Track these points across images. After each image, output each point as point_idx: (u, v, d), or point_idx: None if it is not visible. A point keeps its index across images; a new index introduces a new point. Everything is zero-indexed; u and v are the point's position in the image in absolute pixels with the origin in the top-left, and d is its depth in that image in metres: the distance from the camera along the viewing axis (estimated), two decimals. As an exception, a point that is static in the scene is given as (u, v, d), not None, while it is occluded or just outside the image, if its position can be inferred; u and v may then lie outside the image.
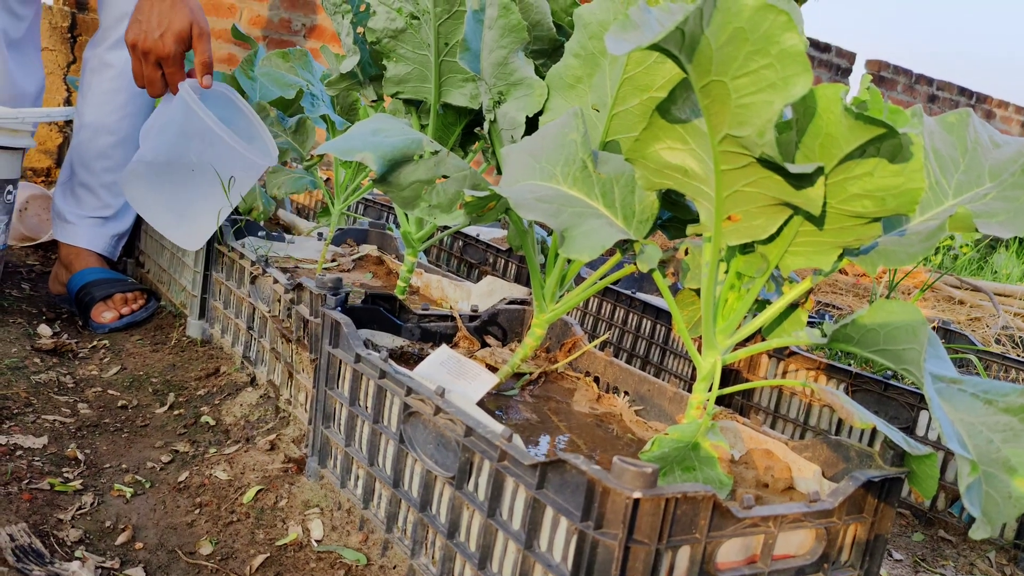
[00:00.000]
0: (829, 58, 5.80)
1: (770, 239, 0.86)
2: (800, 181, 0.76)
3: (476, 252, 2.20)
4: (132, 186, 1.60)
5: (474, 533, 0.87)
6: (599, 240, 0.85)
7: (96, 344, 1.70)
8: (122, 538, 1.02)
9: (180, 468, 1.21)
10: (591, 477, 0.71)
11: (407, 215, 1.46)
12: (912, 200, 0.75)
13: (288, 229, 2.10)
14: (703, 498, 0.72)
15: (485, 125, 1.20)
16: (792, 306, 0.94)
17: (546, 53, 1.20)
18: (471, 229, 2.30)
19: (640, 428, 1.11)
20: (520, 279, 2.01)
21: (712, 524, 0.73)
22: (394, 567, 0.98)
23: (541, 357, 1.27)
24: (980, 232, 0.85)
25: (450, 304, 1.55)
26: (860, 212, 0.78)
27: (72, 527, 1.02)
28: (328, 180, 2.53)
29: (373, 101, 1.48)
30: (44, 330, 1.69)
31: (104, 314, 1.78)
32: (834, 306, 2.54)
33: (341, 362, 1.10)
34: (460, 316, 1.30)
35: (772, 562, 0.79)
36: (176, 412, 1.40)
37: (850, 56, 5.89)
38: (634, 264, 0.94)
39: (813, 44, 5.66)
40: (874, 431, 1.41)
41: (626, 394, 1.18)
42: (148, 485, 1.16)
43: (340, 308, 1.16)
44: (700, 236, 0.96)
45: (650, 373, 1.68)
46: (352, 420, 1.08)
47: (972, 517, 0.89)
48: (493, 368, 1.19)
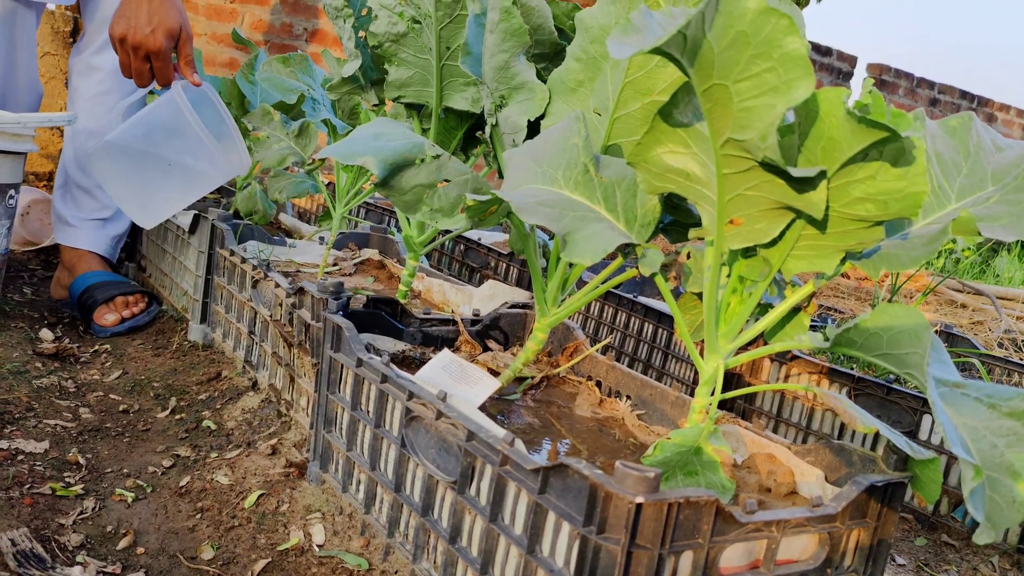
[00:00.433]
0: (830, 62, 5.80)
1: (772, 243, 0.85)
2: (802, 185, 0.76)
3: (477, 256, 2.19)
4: (100, 163, 1.65)
5: (476, 538, 0.86)
6: (601, 244, 0.85)
7: (98, 348, 1.70)
8: (123, 543, 1.02)
9: (181, 472, 1.20)
10: (593, 482, 0.70)
11: (409, 219, 1.46)
12: (915, 204, 0.75)
13: (290, 233, 2.10)
14: (706, 503, 0.72)
15: (487, 129, 1.19)
16: (794, 310, 0.94)
17: (547, 57, 1.20)
18: (472, 233, 2.30)
19: (642, 432, 1.10)
20: (522, 283, 2.01)
21: (715, 529, 0.73)
22: (396, 572, 0.97)
23: (543, 361, 1.26)
24: (983, 236, 0.84)
25: (452, 308, 1.55)
26: (863, 216, 0.78)
27: (73, 532, 1.02)
28: (330, 184, 2.53)
29: (375, 105, 1.48)
30: (46, 334, 1.69)
31: (106, 316, 1.78)
32: (836, 310, 2.53)
33: (343, 366, 1.10)
34: (462, 320, 1.30)
35: (775, 567, 0.79)
36: (178, 416, 1.40)
37: (851, 60, 5.90)
38: (636, 268, 0.94)
39: (814, 48, 5.66)
40: (877, 435, 1.40)
41: (628, 398, 1.17)
42: (149, 490, 1.15)
43: (342, 312, 1.16)
44: (702, 240, 0.96)
45: (652, 377, 1.68)
46: (354, 424, 1.08)
47: (975, 521, 0.89)
48: (495, 372, 1.19)
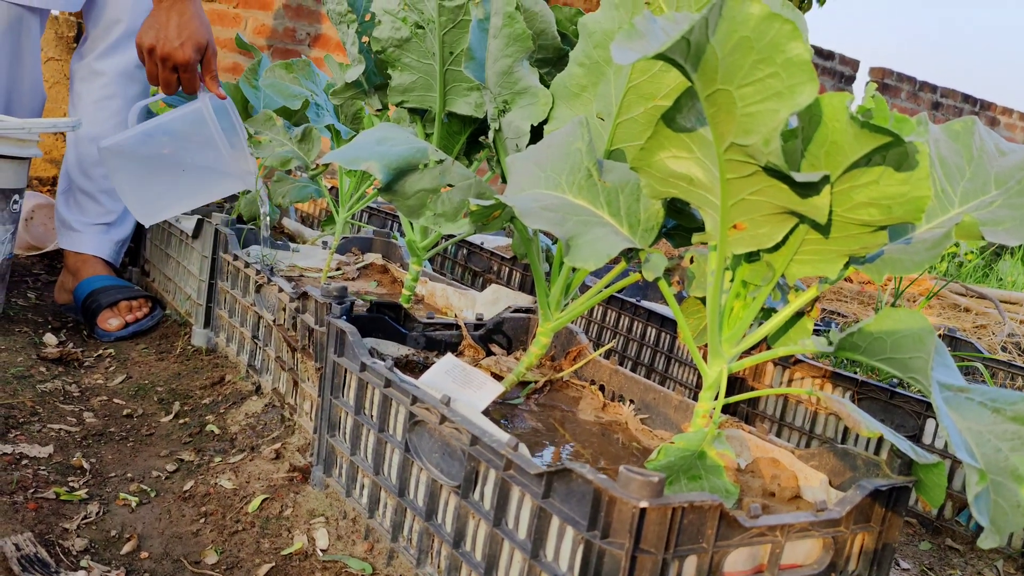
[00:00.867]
0: (833, 66, 5.80)
1: (776, 247, 0.85)
2: (806, 190, 0.76)
3: (480, 260, 2.20)
4: (112, 158, 1.70)
5: (480, 542, 0.86)
6: (604, 249, 0.85)
7: (101, 353, 1.70)
8: (127, 547, 1.02)
9: (185, 477, 1.21)
10: (597, 486, 0.71)
11: (412, 224, 1.46)
12: (918, 208, 0.75)
13: (293, 238, 2.11)
14: (710, 507, 0.72)
15: (490, 134, 1.20)
16: (798, 314, 0.94)
17: (551, 62, 1.20)
18: (476, 237, 2.30)
19: (646, 437, 1.10)
20: (525, 287, 2.01)
21: (719, 533, 0.73)
22: (399, 576, 0.98)
23: (546, 366, 1.26)
24: (986, 240, 0.85)
25: (455, 312, 1.55)
26: (866, 220, 0.78)
27: (77, 536, 1.02)
28: (333, 188, 2.54)
29: (378, 110, 1.48)
30: (50, 339, 1.69)
31: (110, 321, 1.79)
32: (839, 313, 2.53)
33: (346, 371, 1.10)
34: (465, 325, 1.30)
35: (779, 572, 0.79)
36: (181, 421, 1.40)
37: (853, 64, 5.90)
38: (639, 272, 0.94)
39: (816, 52, 5.66)
40: (881, 439, 1.40)
41: (631, 402, 1.17)
42: (153, 494, 1.16)
43: (345, 317, 1.16)
44: (705, 244, 0.96)
45: (655, 381, 1.68)
46: (357, 429, 1.08)
47: (980, 526, 0.89)
48: (498, 377, 1.19)
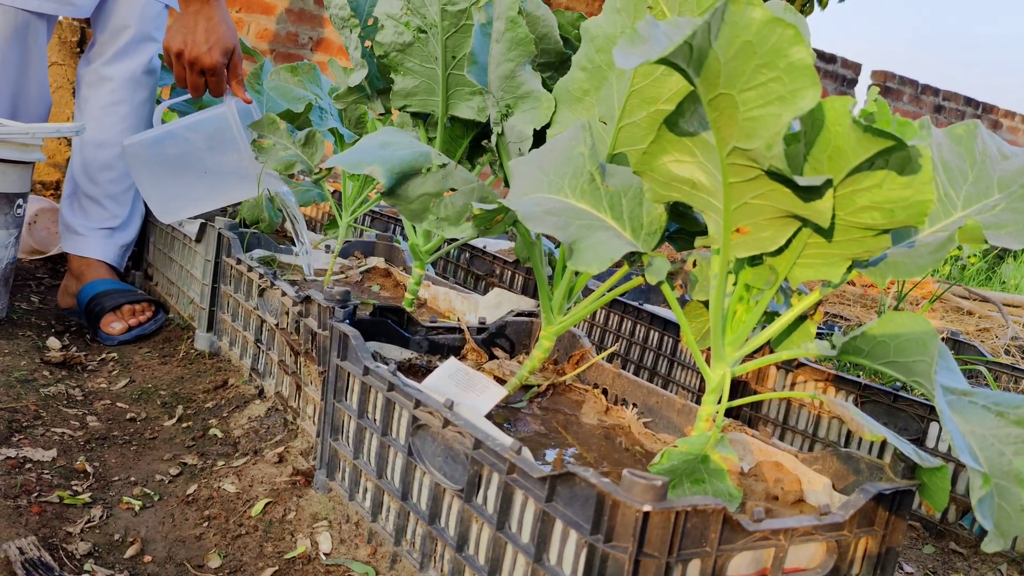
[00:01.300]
0: (835, 69, 5.80)
1: (779, 251, 0.86)
2: (809, 193, 0.76)
3: (483, 264, 2.20)
4: (136, 157, 1.75)
5: (483, 546, 0.86)
6: (607, 252, 0.85)
7: (105, 357, 1.70)
8: (131, 551, 1.02)
9: (188, 481, 1.21)
10: (601, 490, 0.71)
11: (415, 227, 1.46)
12: (921, 212, 0.75)
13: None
14: (713, 511, 0.72)
15: (492, 138, 1.20)
16: (801, 318, 0.94)
17: (553, 66, 1.21)
18: (478, 241, 2.30)
19: (649, 440, 1.10)
20: (527, 291, 2.01)
21: (722, 537, 0.73)
22: (403, 580, 0.98)
23: (549, 369, 1.27)
24: (989, 243, 0.85)
25: (458, 316, 1.55)
26: (869, 224, 0.78)
27: (81, 540, 1.02)
28: (335, 192, 2.54)
29: (381, 114, 1.49)
30: (53, 343, 1.70)
31: (113, 324, 1.79)
32: (842, 317, 2.53)
33: (349, 375, 1.11)
34: (468, 328, 1.30)
35: (783, 575, 0.79)
36: (184, 424, 1.41)
37: (855, 67, 5.90)
38: (642, 276, 0.94)
39: (818, 55, 5.67)
40: (884, 443, 1.40)
41: (634, 406, 1.18)
42: (157, 498, 1.16)
43: (348, 320, 1.16)
44: (708, 248, 0.96)
45: (658, 385, 1.68)
46: (360, 433, 1.08)
47: (984, 530, 0.89)
48: (501, 380, 1.19)
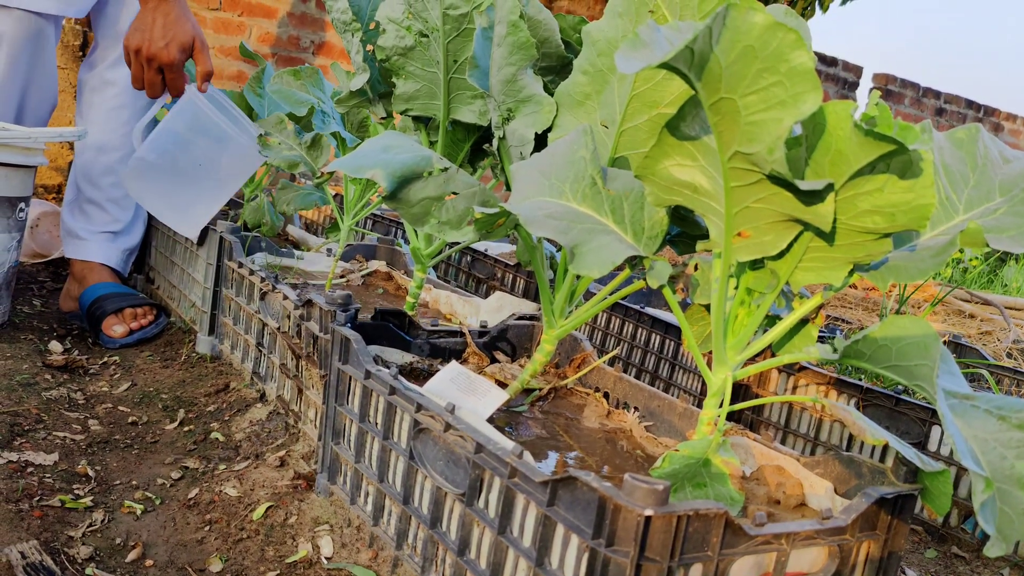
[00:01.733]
0: (836, 72, 5.81)
1: (780, 255, 0.86)
2: (810, 197, 0.76)
3: (484, 267, 2.20)
4: (134, 182, 1.73)
5: (484, 550, 0.86)
6: (609, 256, 0.85)
7: (106, 360, 1.71)
8: (132, 555, 1.02)
9: (190, 485, 1.21)
10: (602, 494, 0.71)
11: (416, 231, 1.47)
12: (922, 216, 0.75)
13: (297, 245, 2.11)
14: (715, 515, 0.72)
15: (494, 142, 1.20)
16: (802, 321, 0.94)
17: (555, 70, 1.21)
18: (479, 244, 2.30)
19: (650, 444, 1.10)
20: (529, 294, 2.02)
21: (724, 541, 0.73)
22: (404, 584, 0.98)
23: (550, 373, 1.27)
24: (991, 247, 0.85)
25: (459, 320, 1.55)
26: (870, 228, 0.78)
27: (83, 544, 1.02)
28: (337, 196, 2.54)
29: (383, 118, 1.49)
30: (55, 346, 1.70)
31: (115, 327, 1.79)
32: (843, 320, 2.53)
33: (351, 378, 1.11)
34: (469, 332, 1.30)
35: (785, 580, 0.79)
36: (186, 428, 1.41)
37: (856, 70, 5.90)
38: (644, 280, 0.94)
39: (820, 58, 5.67)
40: (886, 447, 1.40)
41: (636, 410, 1.17)
42: (158, 502, 1.16)
43: (350, 324, 1.16)
44: (709, 252, 0.96)
45: (659, 388, 1.68)
46: (362, 436, 1.08)
47: (986, 534, 0.89)
48: (503, 384, 1.19)
